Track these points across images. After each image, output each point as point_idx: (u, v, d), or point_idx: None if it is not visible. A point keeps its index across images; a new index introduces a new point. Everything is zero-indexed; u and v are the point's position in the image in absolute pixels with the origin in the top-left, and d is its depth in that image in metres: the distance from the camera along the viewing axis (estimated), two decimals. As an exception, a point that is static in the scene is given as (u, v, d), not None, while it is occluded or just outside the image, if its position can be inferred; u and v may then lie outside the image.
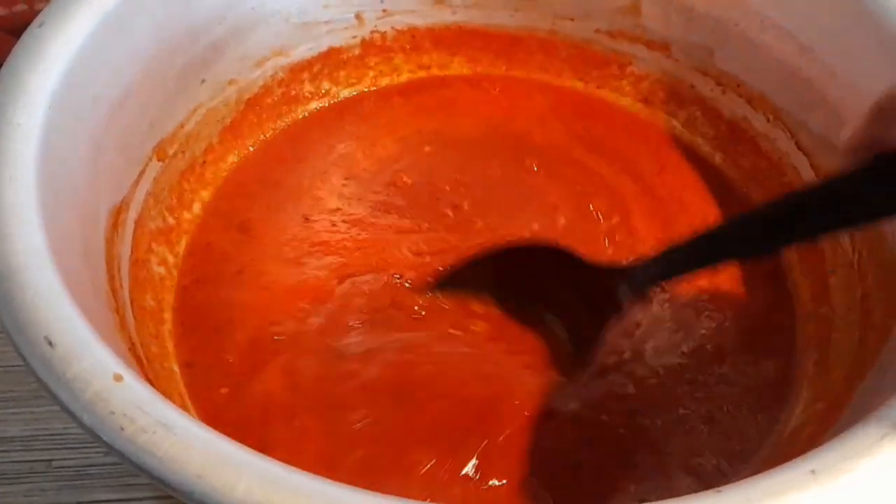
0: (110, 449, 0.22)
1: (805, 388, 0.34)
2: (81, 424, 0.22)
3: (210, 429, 0.22)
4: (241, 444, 0.22)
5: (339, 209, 0.41)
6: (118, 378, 0.23)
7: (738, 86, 0.42)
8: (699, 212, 0.41)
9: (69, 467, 0.41)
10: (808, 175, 0.40)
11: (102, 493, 0.40)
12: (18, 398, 0.43)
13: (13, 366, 0.44)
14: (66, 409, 0.22)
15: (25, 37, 0.32)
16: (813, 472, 0.21)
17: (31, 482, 0.40)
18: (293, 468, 0.21)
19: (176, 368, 0.34)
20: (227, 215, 0.40)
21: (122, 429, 0.22)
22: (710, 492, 0.21)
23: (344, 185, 0.42)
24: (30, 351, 0.23)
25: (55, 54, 0.31)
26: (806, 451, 0.23)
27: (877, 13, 0.35)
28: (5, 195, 0.27)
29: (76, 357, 0.23)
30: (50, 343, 0.23)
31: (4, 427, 0.42)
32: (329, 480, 0.21)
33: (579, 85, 0.47)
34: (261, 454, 0.22)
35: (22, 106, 0.29)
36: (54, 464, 0.41)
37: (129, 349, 0.30)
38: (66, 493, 0.39)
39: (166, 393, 0.30)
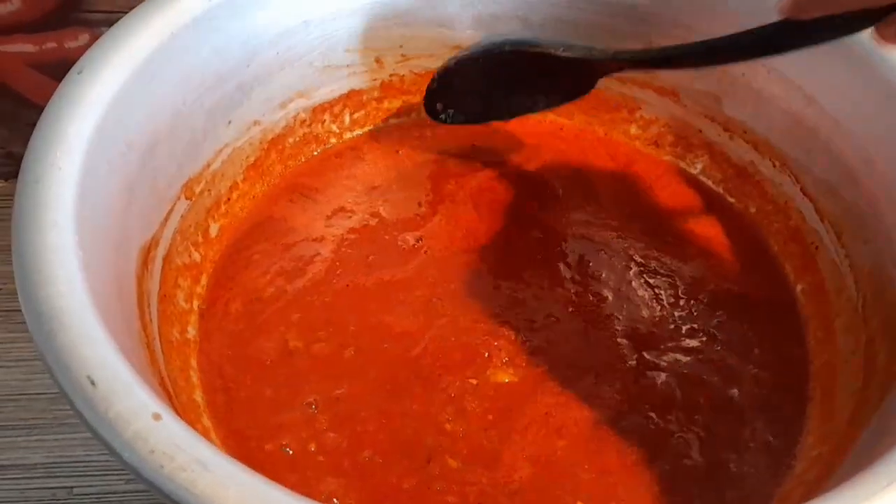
0: (150, 486, 0.23)
1: (811, 431, 0.35)
2: (123, 462, 0.23)
3: (246, 467, 0.23)
4: (274, 482, 0.23)
5: (353, 245, 0.42)
6: (157, 417, 0.24)
7: (745, 132, 0.44)
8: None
9: (91, 494, 0.42)
10: (812, 219, 0.41)
11: (123, 521, 0.41)
12: (42, 425, 0.44)
13: (37, 394, 0.45)
14: (108, 447, 0.24)
15: (65, 84, 0.33)
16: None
17: (53, 510, 0.41)
18: (325, 507, 0.22)
19: (200, 399, 0.36)
20: (248, 249, 0.42)
21: (162, 466, 0.23)
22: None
23: (362, 223, 0.43)
24: (73, 390, 0.25)
25: (93, 101, 0.32)
26: (811, 496, 0.24)
27: (880, 66, 0.37)
28: (48, 238, 0.28)
29: (117, 396, 0.24)
30: (92, 382, 0.24)
31: (28, 454, 0.43)
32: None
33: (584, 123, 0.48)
34: (293, 492, 0.23)
35: (63, 151, 0.31)
36: (76, 491, 0.42)
37: (160, 383, 0.31)
38: (87, 520, 0.41)
39: (192, 423, 0.32)
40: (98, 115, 0.32)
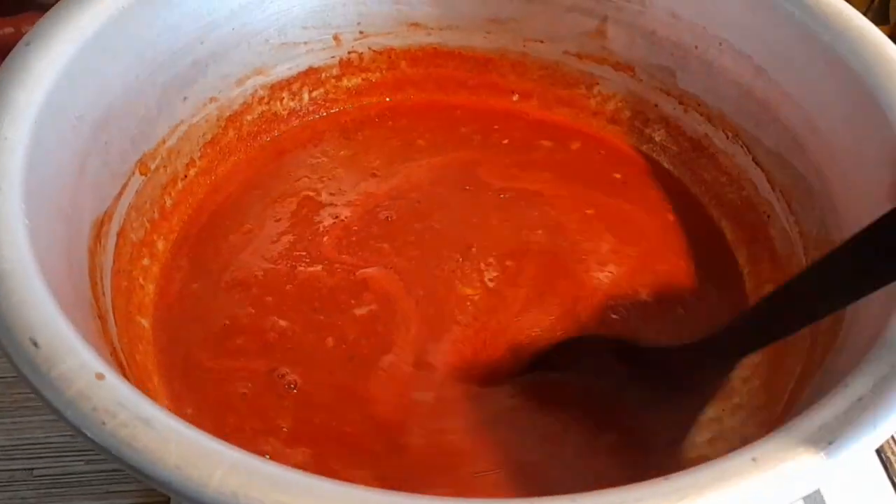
0: (93, 444, 0.23)
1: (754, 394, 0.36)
2: (65, 420, 0.23)
3: (187, 423, 0.23)
4: (216, 438, 0.23)
5: (315, 225, 0.42)
6: (100, 377, 0.24)
7: (699, 105, 0.44)
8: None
9: (50, 475, 0.42)
10: (764, 189, 0.41)
11: (83, 501, 0.40)
12: (1, 408, 0.44)
13: (-5, 377, 0.45)
14: (50, 407, 0.23)
15: (13, 55, 0.33)
16: (754, 459, 0.23)
17: (12, 490, 0.41)
18: (267, 461, 0.23)
19: (155, 376, 0.36)
20: (205, 228, 0.42)
21: (104, 423, 0.23)
22: (658, 479, 0.22)
23: (321, 202, 0.43)
24: (16, 352, 0.24)
25: (41, 72, 0.32)
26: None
27: (823, 36, 0.37)
28: (-7, 205, 0.28)
29: (60, 357, 0.24)
30: (35, 344, 0.24)
31: (-14, 437, 0.43)
32: (302, 472, 0.22)
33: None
34: (236, 447, 0.23)
35: (9, 120, 0.30)
36: (36, 472, 0.42)
37: (111, 353, 0.31)
38: (47, 501, 0.40)
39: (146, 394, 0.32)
40: (47, 87, 0.32)
